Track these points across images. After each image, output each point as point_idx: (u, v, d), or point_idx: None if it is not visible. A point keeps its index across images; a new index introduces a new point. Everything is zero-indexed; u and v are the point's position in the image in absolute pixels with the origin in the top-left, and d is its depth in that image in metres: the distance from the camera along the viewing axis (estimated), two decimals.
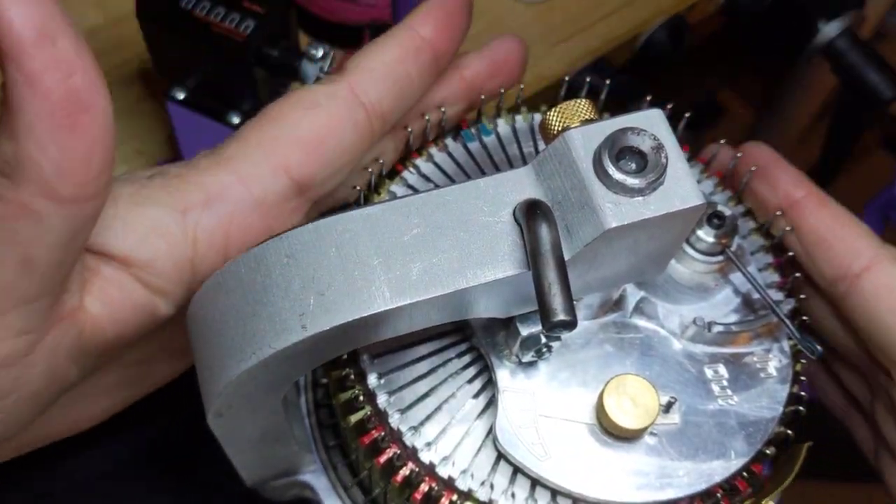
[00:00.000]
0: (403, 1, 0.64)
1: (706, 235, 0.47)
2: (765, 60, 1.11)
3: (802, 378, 0.49)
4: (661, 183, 0.38)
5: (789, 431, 0.47)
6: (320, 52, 0.65)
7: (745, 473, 0.46)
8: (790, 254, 0.52)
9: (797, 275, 0.51)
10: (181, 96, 0.68)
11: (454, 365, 0.47)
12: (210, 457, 0.53)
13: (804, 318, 0.50)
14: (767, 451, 0.46)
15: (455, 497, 0.45)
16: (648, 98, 0.54)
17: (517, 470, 0.45)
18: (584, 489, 0.44)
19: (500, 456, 0.45)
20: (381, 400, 0.46)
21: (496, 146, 0.53)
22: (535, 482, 0.45)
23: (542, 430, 0.44)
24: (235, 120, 0.67)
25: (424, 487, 0.45)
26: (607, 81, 0.55)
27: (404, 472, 0.45)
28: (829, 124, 1.08)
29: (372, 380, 0.46)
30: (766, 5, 0.96)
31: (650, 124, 0.39)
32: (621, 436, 0.44)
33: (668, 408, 0.45)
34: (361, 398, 0.47)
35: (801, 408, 0.48)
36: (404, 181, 0.52)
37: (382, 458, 0.46)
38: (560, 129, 0.41)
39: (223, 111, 0.67)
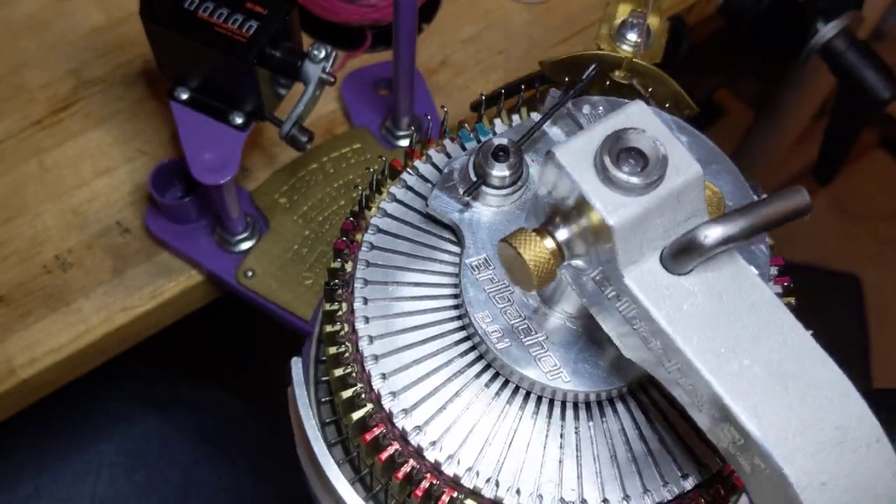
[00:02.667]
0: (405, 1, 0.65)
1: (499, 171, 0.46)
2: (763, 61, 1.12)
3: None
4: (663, 178, 0.38)
5: None
6: (322, 53, 0.65)
7: None
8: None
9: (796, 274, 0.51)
10: (184, 96, 0.68)
11: (458, 363, 0.48)
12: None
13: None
14: None
15: (457, 494, 0.45)
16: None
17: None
18: None
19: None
20: (385, 399, 0.46)
21: None
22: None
23: None
24: (238, 120, 0.67)
25: (426, 484, 0.45)
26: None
27: (406, 469, 0.46)
28: (828, 124, 1.08)
29: (376, 380, 0.47)
30: (764, 6, 0.96)
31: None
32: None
33: None
34: (363, 396, 0.47)
35: None
36: (404, 182, 0.52)
37: (384, 456, 0.46)
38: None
39: (226, 111, 0.68)
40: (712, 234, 0.36)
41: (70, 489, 0.88)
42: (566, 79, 0.55)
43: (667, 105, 0.55)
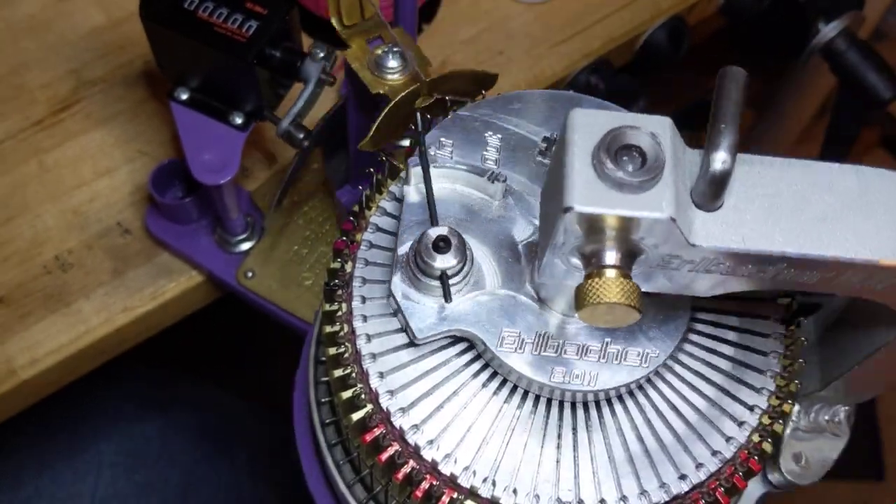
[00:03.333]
0: (404, 1, 0.65)
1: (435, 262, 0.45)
2: (764, 61, 1.12)
3: None
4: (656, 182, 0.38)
5: None
6: (322, 53, 0.65)
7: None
8: None
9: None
10: (184, 96, 0.68)
11: (456, 363, 0.48)
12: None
13: (803, 318, 0.51)
14: None
15: (456, 495, 0.45)
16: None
17: None
18: None
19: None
20: (384, 399, 0.46)
21: None
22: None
23: None
24: (238, 120, 0.68)
25: (426, 485, 0.45)
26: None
27: (405, 469, 0.46)
28: (828, 124, 1.08)
29: (374, 379, 0.47)
30: (764, 6, 0.96)
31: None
32: None
33: None
34: (363, 396, 0.47)
35: None
36: (404, 181, 0.52)
37: (384, 456, 0.46)
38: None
39: (226, 111, 0.68)
40: (720, 158, 0.37)
41: (71, 489, 0.88)
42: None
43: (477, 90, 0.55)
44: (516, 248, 0.47)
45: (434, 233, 0.45)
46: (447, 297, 0.45)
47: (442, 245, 0.45)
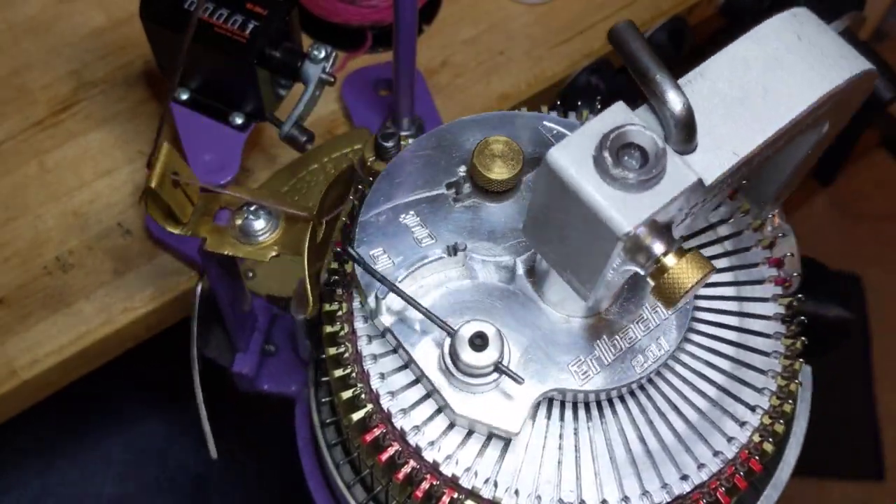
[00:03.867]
0: (405, 2, 0.65)
1: (472, 360, 0.44)
2: None
3: None
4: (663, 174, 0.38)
5: None
6: (322, 53, 0.65)
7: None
8: (789, 253, 0.53)
9: (795, 273, 0.51)
10: (184, 97, 0.68)
11: None
12: None
13: (802, 317, 0.51)
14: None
15: (457, 495, 0.45)
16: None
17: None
18: None
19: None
20: (384, 399, 0.46)
21: None
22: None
23: None
24: (238, 120, 0.67)
25: (426, 485, 0.45)
26: None
27: (406, 469, 0.46)
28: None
29: (375, 380, 0.47)
30: (765, 6, 0.96)
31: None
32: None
33: None
34: (363, 396, 0.47)
35: None
36: None
37: (384, 456, 0.46)
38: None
39: (226, 112, 0.68)
40: (675, 101, 0.39)
41: (79, 488, 0.88)
42: None
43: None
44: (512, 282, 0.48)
45: (465, 335, 0.44)
46: (518, 379, 0.44)
47: (479, 342, 0.44)
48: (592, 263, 0.40)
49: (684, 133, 0.39)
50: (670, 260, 0.38)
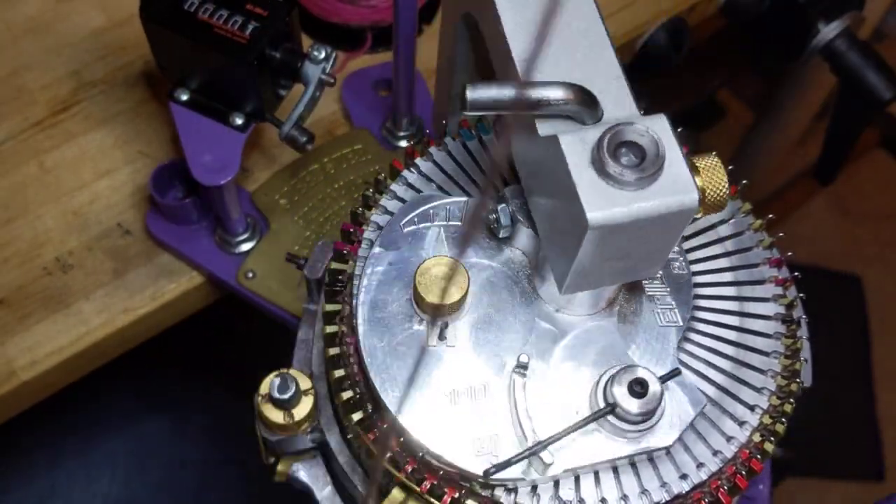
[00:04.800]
0: (405, 2, 0.65)
1: (619, 394, 0.44)
2: (764, 61, 1.12)
3: None
4: (658, 175, 0.38)
5: None
6: (322, 54, 0.65)
7: None
8: (789, 253, 0.53)
9: (795, 274, 0.51)
10: (184, 98, 0.68)
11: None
12: None
13: (803, 316, 0.51)
14: None
15: (458, 494, 0.45)
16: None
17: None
18: None
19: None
20: (384, 398, 0.46)
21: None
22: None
23: None
24: (238, 121, 0.67)
25: (427, 485, 0.45)
26: None
27: (406, 469, 0.46)
28: (829, 124, 1.08)
29: (375, 379, 0.47)
30: (765, 6, 0.96)
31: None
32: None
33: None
34: (363, 396, 0.47)
35: None
36: (404, 179, 0.52)
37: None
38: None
39: (226, 112, 0.68)
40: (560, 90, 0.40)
41: (84, 489, 0.88)
42: None
43: None
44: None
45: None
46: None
47: (639, 390, 0.44)
48: (567, 250, 0.41)
49: (588, 105, 0.40)
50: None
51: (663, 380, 0.45)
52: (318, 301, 0.58)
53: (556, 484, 0.45)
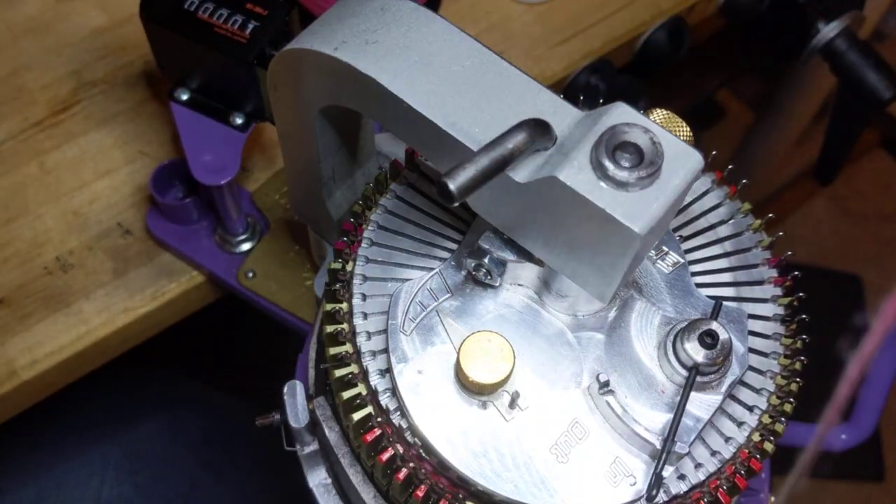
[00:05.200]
0: None
1: (694, 353, 0.44)
2: (764, 61, 1.12)
3: None
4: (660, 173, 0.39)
5: None
6: None
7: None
8: (789, 253, 0.53)
9: (796, 273, 0.51)
10: (184, 97, 0.68)
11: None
12: None
13: (804, 316, 0.51)
14: None
15: (458, 494, 0.45)
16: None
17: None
18: None
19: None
20: (383, 396, 0.46)
21: None
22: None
23: None
24: (238, 121, 0.68)
25: (427, 485, 0.45)
26: None
27: (406, 469, 0.46)
28: (829, 124, 1.08)
29: (373, 375, 0.47)
30: (765, 6, 0.96)
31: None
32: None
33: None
34: (363, 394, 0.47)
35: None
36: (405, 179, 0.52)
37: (385, 457, 0.46)
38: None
39: (226, 112, 0.68)
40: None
41: (75, 491, 0.88)
42: None
43: None
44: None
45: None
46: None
47: (710, 341, 0.44)
48: (609, 264, 0.41)
49: (546, 130, 0.40)
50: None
51: (714, 316, 0.45)
52: (310, 444, 0.58)
53: None
